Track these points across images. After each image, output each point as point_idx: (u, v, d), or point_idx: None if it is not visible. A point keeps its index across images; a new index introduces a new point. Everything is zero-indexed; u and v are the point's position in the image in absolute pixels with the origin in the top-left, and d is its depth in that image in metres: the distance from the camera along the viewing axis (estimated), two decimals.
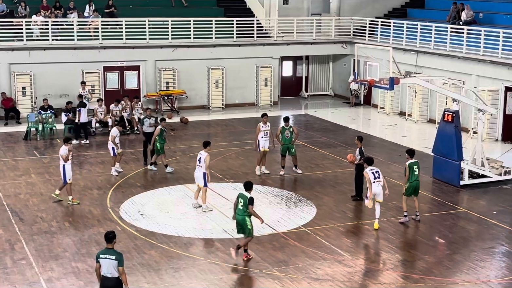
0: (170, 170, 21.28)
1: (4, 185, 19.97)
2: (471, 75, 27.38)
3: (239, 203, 14.51)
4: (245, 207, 14.38)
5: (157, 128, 20.98)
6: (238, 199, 14.57)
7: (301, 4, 37.19)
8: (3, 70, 28.95)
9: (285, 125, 21.07)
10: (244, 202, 14.37)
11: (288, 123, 21.19)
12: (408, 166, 17.13)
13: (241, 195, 14.54)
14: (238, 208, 14.51)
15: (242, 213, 14.46)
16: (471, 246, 15.93)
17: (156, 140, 20.90)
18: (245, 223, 14.49)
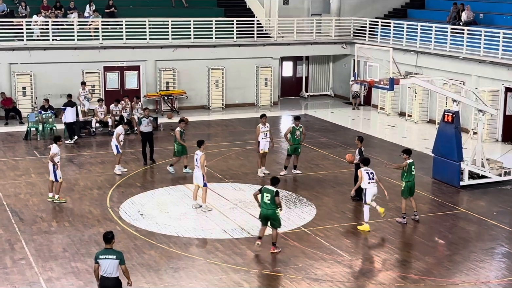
0: (172, 171, 21.20)
1: (4, 185, 19.98)
2: (471, 75, 27.38)
3: (265, 198, 14.87)
4: (272, 200, 14.74)
5: (176, 130, 20.76)
6: (262, 194, 14.93)
7: (301, 4, 37.20)
8: (4, 70, 28.96)
9: (296, 125, 21.02)
10: (271, 196, 14.76)
11: (299, 122, 21.13)
12: (408, 164, 17.11)
13: (265, 190, 14.93)
14: (265, 202, 14.87)
15: (271, 207, 14.84)
16: (471, 247, 15.93)
17: (176, 142, 20.75)
18: (276, 216, 14.93)
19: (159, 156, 23.14)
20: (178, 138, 20.68)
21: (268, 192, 14.89)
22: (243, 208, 18.22)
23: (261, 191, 15.06)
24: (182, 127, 20.83)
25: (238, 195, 19.30)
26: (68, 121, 25.20)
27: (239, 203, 18.61)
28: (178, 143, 20.74)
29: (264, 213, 15.00)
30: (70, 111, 25.16)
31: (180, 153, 20.89)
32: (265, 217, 15.03)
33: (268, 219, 15.01)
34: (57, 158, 18.13)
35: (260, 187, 15.40)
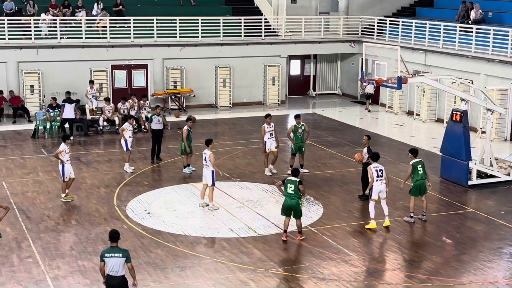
0: (188, 172, 21.07)
1: (11, 183, 20.02)
2: (479, 74, 27.25)
3: (288, 188, 15.43)
4: (296, 190, 15.34)
5: (184, 129, 20.75)
6: (286, 185, 15.46)
7: (309, 2, 37.14)
8: (12, 68, 29.03)
9: (297, 123, 20.97)
10: (295, 186, 15.36)
11: (300, 120, 21.07)
12: (411, 165, 17.06)
13: (289, 181, 15.48)
14: (289, 193, 15.42)
15: (295, 197, 15.46)
16: (478, 247, 15.84)
17: (183, 141, 20.72)
18: (298, 206, 15.57)
19: (166, 154, 23.14)
20: (184, 137, 20.66)
21: (291, 183, 15.42)
22: (250, 207, 18.19)
23: (284, 182, 15.54)
24: (189, 126, 20.80)
25: (245, 194, 19.28)
26: (65, 117, 25.35)
27: (246, 202, 18.58)
28: (187, 141, 20.69)
29: (288, 204, 15.48)
30: (69, 107, 25.26)
31: (185, 151, 20.82)
32: (289, 208, 15.52)
33: (291, 210, 15.53)
34: (66, 156, 18.14)
35: (283, 178, 15.79)
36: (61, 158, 18.05)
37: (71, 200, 18.41)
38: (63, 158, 18.08)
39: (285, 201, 15.62)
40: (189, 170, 21.08)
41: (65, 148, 18.15)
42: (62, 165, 18.14)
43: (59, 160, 18.13)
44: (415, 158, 17.17)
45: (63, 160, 18.08)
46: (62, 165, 18.14)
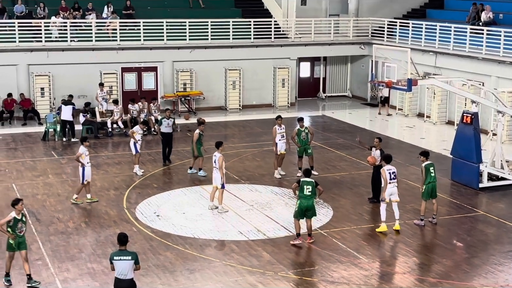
0: (203, 174, 20.93)
1: (22, 186, 20.08)
2: (490, 76, 27.09)
3: (305, 190, 15.49)
4: (313, 191, 15.53)
5: (195, 133, 20.66)
6: (302, 187, 15.49)
7: (319, 5, 37.08)
8: (22, 71, 29.14)
9: (300, 126, 20.92)
10: (312, 187, 15.52)
11: (303, 123, 21.01)
12: (424, 167, 16.96)
13: (305, 182, 15.54)
14: (306, 194, 15.48)
15: (311, 198, 15.58)
16: (489, 250, 15.73)
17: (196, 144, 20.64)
18: (314, 205, 15.69)
19: (175, 157, 23.14)
20: (194, 140, 20.60)
21: (308, 184, 15.51)
22: (259, 209, 18.15)
23: (300, 184, 15.52)
24: (201, 130, 20.72)
25: (255, 197, 19.23)
26: (63, 119, 25.51)
27: (255, 205, 18.54)
28: (198, 144, 20.62)
29: (305, 205, 15.48)
30: (65, 109, 25.39)
31: (200, 153, 20.72)
32: (306, 208, 15.50)
33: (308, 210, 15.54)
34: (86, 159, 18.18)
35: (297, 180, 15.77)
36: (82, 161, 18.07)
37: (81, 203, 18.43)
38: (83, 161, 18.10)
39: (301, 203, 15.50)
40: (203, 173, 20.94)
41: (85, 151, 18.17)
42: (82, 168, 18.17)
43: (80, 163, 18.16)
44: (427, 160, 17.08)
45: (83, 163, 18.10)
46: (82, 168, 18.17)
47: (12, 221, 13.29)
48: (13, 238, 13.32)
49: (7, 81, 28.75)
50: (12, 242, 13.36)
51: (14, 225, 13.33)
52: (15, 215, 13.34)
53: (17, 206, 13.37)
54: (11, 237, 13.33)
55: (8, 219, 13.31)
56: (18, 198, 13.76)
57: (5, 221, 13.30)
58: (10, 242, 13.41)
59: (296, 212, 15.65)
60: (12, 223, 13.30)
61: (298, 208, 15.58)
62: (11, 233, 13.29)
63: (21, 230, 13.45)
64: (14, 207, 13.38)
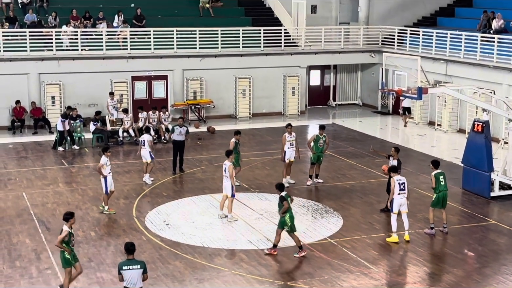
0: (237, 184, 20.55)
1: (32, 194, 20.13)
2: (502, 84, 26.95)
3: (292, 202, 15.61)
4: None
5: (231, 141, 20.38)
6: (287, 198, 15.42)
7: (329, 13, 37.07)
8: (33, 80, 29.27)
9: (320, 134, 20.86)
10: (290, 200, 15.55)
11: (323, 131, 20.95)
12: (434, 176, 16.88)
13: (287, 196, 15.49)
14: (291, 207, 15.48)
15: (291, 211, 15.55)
16: (501, 260, 15.59)
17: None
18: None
19: (186, 165, 23.11)
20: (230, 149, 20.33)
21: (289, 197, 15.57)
22: (269, 218, 18.09)
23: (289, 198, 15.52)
24: (237, 139, 20.46)
25: (264, 205, 19.18)
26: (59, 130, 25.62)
27: (265, 213, 18.49)
28: (235, 154, 20.34)
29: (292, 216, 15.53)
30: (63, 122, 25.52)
31: (238, 163, 20.41)
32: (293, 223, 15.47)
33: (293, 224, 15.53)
34: (108, 169, 18.17)
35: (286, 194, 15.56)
36: (103, 172, 18.05)
37: (114, 213, 18.40)
38: (105, 171, 18.08)
39: (292, 215, 15.46)
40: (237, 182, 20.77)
41: (106, 161, 18.14)
42: (104, 178, 18.16)
43: (101, 174, 18.15)
44: (436, 169, 16.99)
45: (105, 174, 18.08)
46: (104, 178, 18.16)
47: (68, 236, 13.06)
48: (69, 253, 13.06)
49: (19, 90, 28.89)
50: (68, 256, 13.07)
51: (69, 239, 13.09)
52: (68, 229, 13.09)
53: (71, 220, 13.11)
54: (67, 251, 13.04)
55: (64, 235, 12.98)
56: (71, 212, 13.42)
57: (62, 238, 12.95)
58: (66, 257, 13.09)
59: (294, 225, 15.46)
60: (68, 238, 13.06)
61: (290, 219, 15.36)
62: (67, 247, 13.02)
63: (73, 243, 13.24)
64: (67, 221, 13.10)
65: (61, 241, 12.92)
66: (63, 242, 12.95)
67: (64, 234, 12.96)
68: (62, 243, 12.94)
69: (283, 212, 15.29)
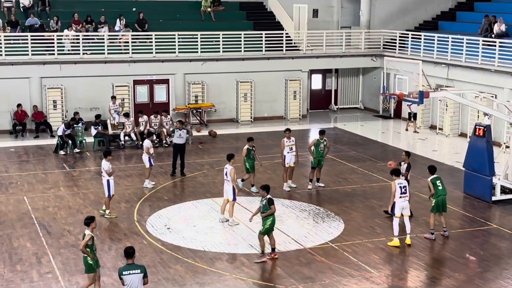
0: (254, 190, 20.60)
1: (33, 198, 20.12)
2: (503, 88, 26.93)
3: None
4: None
5: (244, 149, 20.36)
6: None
7: (331, 17, 37.12)
8: (35, 84, 29.30)
9: (320, 138, 20.86)
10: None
11: (323, 136, 20.96)
12: (430, 181, 16.89)
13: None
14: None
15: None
16: (502, 264, 15.55)
17: (245, 160, 20.38)
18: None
19: (187, 169, 23.11)
20: (243, 156, 20.30)
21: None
22: None
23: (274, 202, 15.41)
24: (250, 145, 20.33)
25: None
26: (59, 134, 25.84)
27: None
28: (248, 160, 20.37)
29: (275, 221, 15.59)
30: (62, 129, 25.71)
31: (252, 169, 20.48)
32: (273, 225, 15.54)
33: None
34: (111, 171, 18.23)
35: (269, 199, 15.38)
36: (104, 175, 18.08)
37: (115, 217, 18.40)
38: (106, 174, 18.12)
39: (274, 219, 15.44)
40: (255, 189, 20.63)
41: (109, 165, 18.16)
42: (107, 181, 18.17)
43: (103, 176, 18.17)
44: (433, 175, 17.01)
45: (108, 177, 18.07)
46: (107, 181, 18.17)
47: (91, 240, 12.95)
48: (92, 258, 12.95)
49: (20, 94, 28.91)
50: (91, 262, 12.96)
51: (92, 244, 12.99)
52: (91, 233, 12.97)
53: (92, 224, 13.01)
54: (90, 256, 12.93)
55: (87, 239, 12.86)
56: (91, 216, 13.30)
57: (86, 242, 12.85)
58: (89, 263, 12.96)
59: (268, 228, 15.41)
60: (91, 242, 12.95)
61: (272, 223, 15.40)
62: (90, 252, 12.93)
63: (95, 248, 13.17)
64: (88, 225, 12.99)
65: (85, 245, 12.81)
66: (86, 246, 12.84)
67: (88, 238, 12.87)
68: (86, 248, 12.84)
69: (267, 215, 15.23)
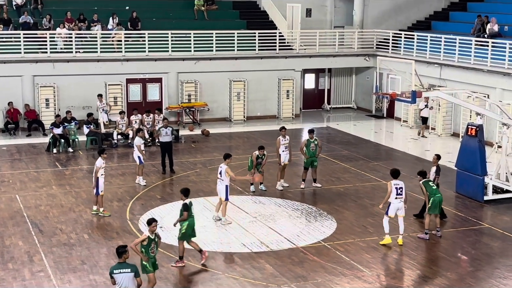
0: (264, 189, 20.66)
1: (25, 197, 20.06)
2: (495, 88, 27.02)
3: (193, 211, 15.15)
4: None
5: (254, 153, 20.22)
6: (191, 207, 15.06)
7: (324, 16, 37.16)
8: (27, 82, 29.20)
9: (310, 138, 20.89)
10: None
11: (313, 135, 20.98)
12: (422, 184, 16.94)
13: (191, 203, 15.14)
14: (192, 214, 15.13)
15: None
16: (494, 263, 15.61)
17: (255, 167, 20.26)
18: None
19: (179, 168, 23.12)
20: (254, 161, 20.07)
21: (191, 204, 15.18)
22: (262, 221, 18.08)
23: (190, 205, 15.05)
24: (260, 153, 20.13)
25: (258, 208, 19.17)
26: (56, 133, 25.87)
27: (258, 217, 18.48)
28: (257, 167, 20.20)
29: (194, 224, 15.20)
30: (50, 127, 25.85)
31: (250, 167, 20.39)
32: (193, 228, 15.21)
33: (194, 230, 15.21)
34: (101, 170, 18.14)
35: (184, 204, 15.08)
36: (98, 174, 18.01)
37: (109, 215, 18.35)
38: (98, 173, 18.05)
39: (191, 222, 15.10)
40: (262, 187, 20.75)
41: (102, 163, 18.12)
42: (96, 180, 18.12)
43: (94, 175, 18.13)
44: (424, 178, 17.07)
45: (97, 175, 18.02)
46: (96, 180, 18.12)
47: (146, 241, 12.90)
48: (146, 260, 12.91)
49: (12, 92, 28.81)
50: (146, 263, 12.93)
51: (148, 245, 12.94)
52: (149, 235, 12.95)
53: (151, 226, 12.97)
54: (144, 258, 12.90)
55: (142, 238, 12.88)
56: (153, 218, 13.23)
57: (139, 241, 12.85)
58: (143, 264, 12.95)
59: (184, 234, 15.05)
60: (146, 243, 12.91)
61: (188, 228, 15.03)
62: (144, 254, 12.90)
63: (153, 251, 13.09)
64: (149, 224, 12.97)
65: (136, 243, 12.79)
66: (141, 246, 12.76)
67: (142, 237, 12.88)
68: (140, 248, 12.76)
69: (180, 221, 14.99)
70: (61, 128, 25.95)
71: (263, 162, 20.37)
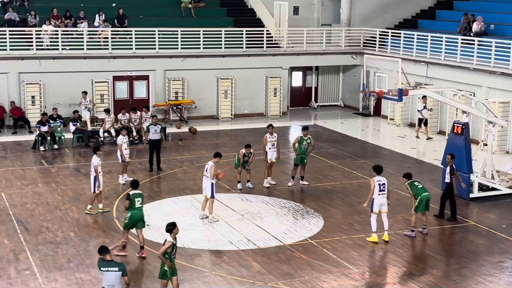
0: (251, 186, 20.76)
1: (11, 195, 19.94)
2: (481, 86, 27.16)
3: (137, 203, 15.39)
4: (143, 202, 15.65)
5: (240, 151, 20.35)
6: (133, 200, 15.35)
7: (311, 14, 37.18)
8: (13, 79, 29.02)
9: (304, 135, 20.89)
10: (142, 199, 15.59)
11: (307, 132, 20.99)
12: (408, 185, 17.01)
13: (136, 195, 15.44)
14: (138, 207, 15.41)
15: (141, 209, 15.58)
16: (480, 261, 15.70)
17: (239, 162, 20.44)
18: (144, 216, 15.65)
19: (166, 166, 23.07)
20: (241, 159, 20.21)
21: (138, 196, 15.46)
22: (250, 219, 18.08)
23: (131, 197, 15.36)
24: (247, 152, 20.21)
25: (245, 206, 19.17)
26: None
27: (246, 214, 18.48)
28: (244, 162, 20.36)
29: (138, 216, 15.40)
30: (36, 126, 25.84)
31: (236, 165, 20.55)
32: (138, 220, 15.42)
33: (139, 221, 15.45)
34: (98, 168, 18.04)
35: (127, 194, 15.58)
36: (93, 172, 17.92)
37: (96, 213, 18.27)
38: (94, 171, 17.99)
39: (134, 214, 15.32)
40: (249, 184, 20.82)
41: (98, 161, 18.02)
42: (94, 177, 18.04)
43: (91, 172, 18.02)
44: (409, 180, 17.12)
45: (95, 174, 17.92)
46: (94, 177, 18.04)
47: (171, 247, 12.73)
48: (169, 266, 12.72)
49: None
50: (167, 269, 12.73)
51: (171, 251, 12.76)
52: (172, 240, 12.75)
53: (174, 231, 12.79)
54: (168, 264, 12.71)
55: (167, 246, 12.61)
56: (173, 223, 12.96)
57: (165, 249, 12.61)
58: (165, 269, 12.73)
59: (130, 224, 15.40)
60: (170, 249, 12.72)
61: (129, 220, 15.34)
62: (168, 260, 12.72)
63: (175, 256, 12.93)
64: (170, 232, 12.76)
65: (163, 252, 12.61)
66: (165, 253, 12.65)
67: (168, 245, 12.62)
68: (165, 255, 12.65)
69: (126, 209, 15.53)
70: (47, 126, 25.83)
71: (250, 160, 20.41)
